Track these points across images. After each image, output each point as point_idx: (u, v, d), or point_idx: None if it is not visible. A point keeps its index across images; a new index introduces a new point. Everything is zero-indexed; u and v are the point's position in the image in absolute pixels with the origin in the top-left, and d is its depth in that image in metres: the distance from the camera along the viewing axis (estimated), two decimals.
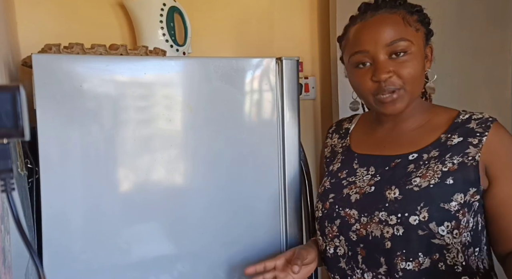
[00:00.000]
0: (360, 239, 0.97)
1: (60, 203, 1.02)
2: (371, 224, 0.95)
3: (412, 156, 0.98)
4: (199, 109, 1.12)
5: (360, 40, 0.96)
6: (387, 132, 1.05)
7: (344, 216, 0.99)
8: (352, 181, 1.02)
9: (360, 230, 0.96)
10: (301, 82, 1.78)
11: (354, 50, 0.97)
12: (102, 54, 1.14)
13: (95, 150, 1.05)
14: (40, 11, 1.47)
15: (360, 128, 1.13)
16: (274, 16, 1.79)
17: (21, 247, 0.52)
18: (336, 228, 1.00)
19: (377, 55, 0.94)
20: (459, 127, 0.97)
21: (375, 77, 0.94)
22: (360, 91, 0.99)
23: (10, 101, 0.48)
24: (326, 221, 1.02)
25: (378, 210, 0.94)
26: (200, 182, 1.13)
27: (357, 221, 0.97)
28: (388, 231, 0.93)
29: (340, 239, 1.00)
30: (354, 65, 0.98)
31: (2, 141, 0.49)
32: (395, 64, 0.93)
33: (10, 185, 0.50)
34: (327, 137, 1.19)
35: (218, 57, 1.18)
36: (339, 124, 1.19)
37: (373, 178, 0.99)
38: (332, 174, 1.08)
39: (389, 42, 0.93)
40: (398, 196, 0.93)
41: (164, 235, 1.11)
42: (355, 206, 0.97)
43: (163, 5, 1.44)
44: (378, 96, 0.95)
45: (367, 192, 0.97)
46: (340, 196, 1.01)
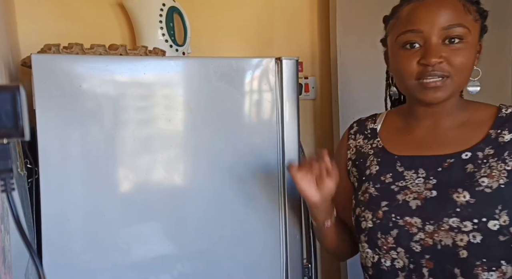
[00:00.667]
0: (425, 249, 0.89)
1: (60, 203, 1.02)
2: (439, 232, 0.87)
3: (465, 155, 0.91)
4: (199, 109, 1.12)
5: (415, 19, 0.89)
6: (427, 131, 0.98)
7: (403, 225, 0.90)
8: (403, 186, 0.94)
9: (425, 239, 0.88)
10: (301, 82, 1.78)
11: (405, 29, 0.90)
12: (101, 54, 1.14)
13: (95, 150, 1.05)
14: (40, 11, 1.47)
15: (390, 128, 1.06)
16: (274, 16, 1.79)
17: (21, 247, 0.52)
18: (393, 239, 0.92)
19: (430, 37, 0.88)
20: (506, 122, 0.92)
21: (425, 60, 0.87)
22: (402, 73, 0.92)
23: (10, 101, 0.48)
24: (379, 232, 0.93)
25: (447, 216, 0.86)
26: (199, 182, 1.13)
27: (421, 230, 0.89)
28: (462, 239, 0.85)
29: (398, 251, 0.92)
30: (401, 45, 0.92)
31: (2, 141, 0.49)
32: (448, 50, 0.88)
33: (10, 185, 0.50)
34: (349, 138, 1.11)
35: (217, 57, 1.18)
36: (361, 124, 1.11)
37: (427, 181, 0.92)
38: (373, 178, 0.98)
39: (446, 26, 0.87)
40: (470, 199, 0.85)
41: (164, 235, 1.11)
42: (417, 213, 0.89)
43: (163, 5, 1.44)
44: (422, 81, 0.89)
45: (428, 196, 0.90)
46: (395, 203, 0.92)
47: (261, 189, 1.17)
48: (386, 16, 1.00)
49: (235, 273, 1.17)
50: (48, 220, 1.01)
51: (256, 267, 1.19)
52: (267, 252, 1.19)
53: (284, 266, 1.20)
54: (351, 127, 1.13)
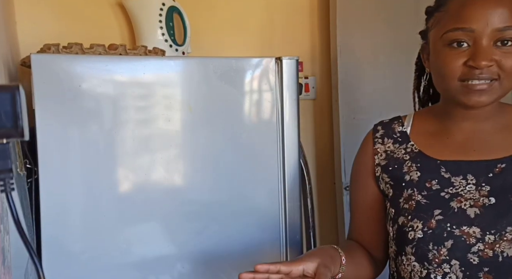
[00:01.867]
0: (483, 261, 0.81)
1: (60, 203, 1.02)
2: (500, 242, 0.80)
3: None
4: (199, 109, 1.12)
5: (467, 15, 0.81)
6: (468, 134, 0.91)
7: (460, 235, 0.83)
8: (454, 193, 0.87)
9: (484, 250, 0.81)
10: (301, 82, 1.78)
11: (454, 26, 0.82)
12: (101, 54, 1.14)
13: (95, 150, 1.04)
14: (40, 11, 1.47)
15: (421, 131, 0.98)
16: (274, 16, 1.79)
17: (20, 247, 0.52)
18: (446, 251, 0.84)
19: (482, 37, 0.80)
20: None
21: (474, 62, 0.80)
22: (445, 73, 0.84)
23: (9, 101, 0.48)
24: (431, 243, 0.85)
25: (510, 224, 0.80)
26: (199, 181, 1.13)
27: (480, 240, 0.82)
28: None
29: (452, 263, 0.84)
30: (447, 42, 0.83)
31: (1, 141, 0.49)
32: (500, 53, 0.81)
33: (10, 185, 0.49)
34: (375, 142, 1.01)
35: (217, 57, 1.18)
36: (387, 127, 1.01)
37: (480, 188, 0.85)
38: (416, 185, 0.90)
39: (501, 27, 0.79)
40: None
41: (164, 235, 1.11)
42: (476, 223, 0.83)
43: (162, 5, 1.43)
44: (466, 83, 0.82)
45: (487, 204, 0.83)
46: (449, 211, 0.85)
47: (261, 189, 1.17)
48: (430, 7, 0.91)
49: (235, 273, 1.17)
50: (47, 220, 1.01)
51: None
52: (267, 252, 1.19)
53: None
54: (376, 130, 1.02)
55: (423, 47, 0.94)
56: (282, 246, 1.19)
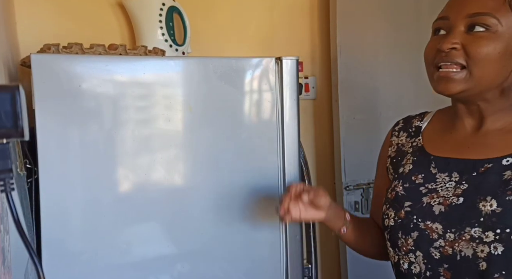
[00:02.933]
0: (444, 258, 0.84)
1: (60, 203, 1.02)
2: (459, 241, 0.82)
3: (506, 160, 0.84)
4: (199, 109, 1.11)
5: (448, 6, 0.88)
6: (470, 132, 0.92)
7: (424, 229, 0.86)
8: (432, 189, 0.89)
9: (445, 247, 0.84)
10: (301, 82, 1.78)
11: (438, 16, 0.89)
12: (101, 54, 1.14)
13: (95, 150, 1.04)
14: (39, 11, 1.47)
15: (434, 127, 1.00)
16: (274, 16, 1.79)
17: (20, 247, 0.52)
18: (412, 242, 0.88)
19: (456, 24, 0.84)
20: None
21: (439, 45, 0.84)
22: (425, 59, 0.90)
23: (9, 101, 0.48)
24: (400, 232, 0.90)
25: (470, 225, 0.82)
26: (199, 181, 1.13)
27: (441, 237, 0.85)
28: (482, 250, 0.80)
29: (417, 254, 0.88)
30: (432, 32, 0.90)
31: (1, 141, 0.49)
32: (470, 38, 0.83)
33: (10, 185, 0.49)
34: (392, 135, 1.06)
35: (217, 57, 1.18)
36: (407, 121, 1.05)
37: (458, 186, 0.86)
38: (404, 177, 0.95)
39: (472, 13, 0.82)
40: (496, 208, 0.80)
41: (164, 235, 1.11)
42: (439, 220, 0.85)
43: (162, 5, 1.43)
44: (437, 70, 0.86)
45: (454, 203, 0.85)
46: (418, 205, 0.89)
47: (261, 189, 1.17)
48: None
49: (235, 273, 1.17)
50: (47, 220, 1.01)
51: (256, 267, 1.19)
52: (267, 252, 1.19)
53: (284, 266, 1.20)
54: (397, 123, 1.07)
55: None
56: (282, 246, 1.19)
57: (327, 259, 1.87)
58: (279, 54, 1.17)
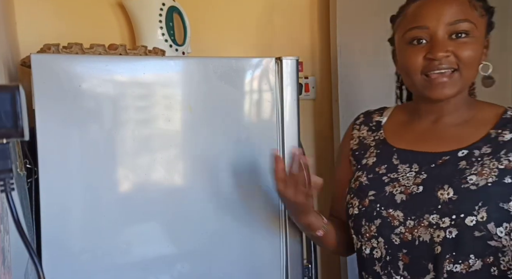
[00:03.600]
0: (403, 243, 0.90)
1: (60, 203, 1.02)
2: (418, 228, 0.88)
3: (462, 153, 0.91)
4: (199, 109, 1.12)
5: (421, 15, 0.91)
6: (428, 126, 0.99)
7: (386, 216, 0.92)
8: (394, 178, 0.95)
9: (404, 234, 0.90)
10: (301, 82, 1.78)
11: (411, 25, 0.91)
12: (101, 54, 1.14)
13: (95, 150, 1.04)
14: (39, 11, 1.47)
15: (394, 122, 1.06)
16: (274, 16, 1.79)
17: (20, 247, 0.52)
18: (375, 228, 0.93)
19: (436, 32, 0.89)
20: (509, 123, 0.93)
21: (431, 54, 0.88)
22: (408, 68, 0.92)
23: (9, 101, 0.48)
24: (364, 219, 0.95)
25: (428, 212, 0.88)
26: (199, 181, 1.13)
27: (402, 224, 0.90)
28: (439, 235, 0.87)
29: (379, 240, 0.93)
30: (407, 41, 0.92)
31: (1, 141, 0.49)
32: (455, 44, 0.88)
33: (10, 185, 0.49)
34: (353, 128, 1.11)
35: (217, 57, 1.18)
36: (368, 116, 1.11)
37: (418, 176, 0.92)
38: (368, 168, 1.00)
39: (452, 21, 0.88)
40: (453, 196, 0.86)
41: (164, 235, 1.11)
42: (401, 208, 0.91)
43: (162, 5, 1.43)
44: (429, 75, 0.89)
45: (414, 192, 0.91)
46: (381, 194, 0.94)
47: (261, 189, 1.17)
48: (393, 16, 1.01)
49: (235, 273, 1.17)
50: (47, 220, 1.01)
51: (256, 267, 1.19)
52: (267, 252, 1.19)
53: (284, 266, 1.20)
54: (358, 118, 1.13)
55: (393, 52, 1.03)
56: (282, 246, 1.19)
57: (327, 259, 1.87)
58: (279, 54, 1.17)
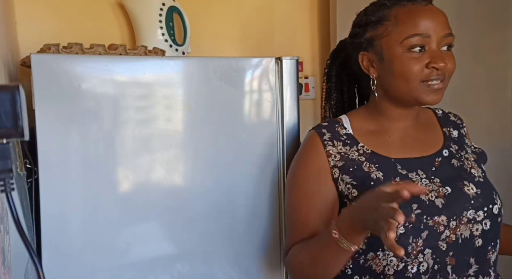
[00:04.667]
0: (449, 246, 0.90)
1: (60, 203, 1.02)
2: (460, 226, 0.91)
3: (445, 152, 0.99)
4: (199, 109, 1.12)
5: (422, 23, 0.91)
6: (404, 132, 1.00)
7: (432, 225, 0.89)
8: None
9: (450, 236, 0.90)
10: (301, 82, 1.78)
11: (414, 32, 0.91)
12: (101, 54, 1.14)
13: (95, 150, 1.04)
14: (39, 11, 1.47)
15: (362, 132, 1.01)
16: (274, 16, 1.79)
17: (20, 247, 0.52)
18: (422, 242, 0.89)
19: (434, 42, 0.92)
20: (447, 122, 1.05)
21: (435, 63, 0.90)
22: (409, 75, 0.92)
23: (9, 101, 0.48)
24: (411, 236, 0.89)
25: (466, 209, 0.91)
26: (199, 181, 1.13)
27: (446, 228, 0.90)
28: (477, 228, 0.92)
29: (425, 253, 0.90)
30: (407, 47, 0.92)
31: (1, 141, 0.49)
32: (446, 56, 0.93)
33: (10, 185, 0.49)
34: (325, 145, 0.99)
35: (217, 57, 1.18)
36: (331, 130, 1.01)
37: (432, 181, 0.94)
38: (384, 182, 0.93)
39: (446, 34, 0.92)
40: (477, 190, 0.93)
41: (164, 235, 1.11)
42: (444, 212, 0.90)
43: (162, 5, 1.43)
44: (428, 83, 0.92)
45: (446, 193, 0.92)
46: (423, 204, 0.90)
47: (261, 189, 1.17)
48: (370, 19, 0.97)
49: (235, 273, 1.17)
50: (47, 220, 1.01)
51: (256, 267, 1.19)
52: (267, 252, 1.19)
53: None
54: (322, 133, 1.00)
55: (362, 55, 0.99)
56: (282, 246, 1.19)
57: None
58: (279, 54, 1.17)
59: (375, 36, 0.96)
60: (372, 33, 0.97)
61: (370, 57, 0.98)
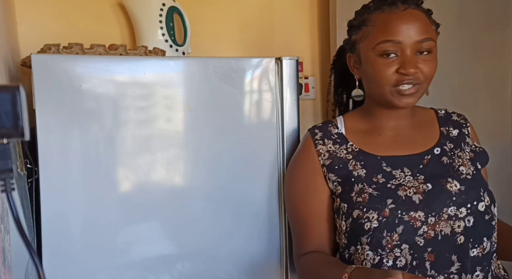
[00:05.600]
0: (428, 242, 0.91)
1: (60, 203, 1.02)
2: (439, 222, 0.92)
3: (436, 150, 1.01)
4: (199, 109, 1.12)
5: (394, 29, 0.94)
6: (395, 131, 1.03)
7: (408, 220, 0.91)
8: (398, 184, 0.96)
9: (428, 232, 0.91)
10: (301, 82, 1.78)
11: (385, 38, 0.94)
12: (101, 54, 1.14)
13: (95, 150, 1.05)
14: (40, 11, 1.47)
15: (355, 131, 1.05)
16: (274, 16, 1.79)
17: (21, 247, 0.52)
18: (398, 236, 0.91)
19: (407, 48, 0.93)
20: (448, 121, 1.07)
21: (404, 70, 0.93)
22: (380, 80, 0.95)
23: (10, 101, 0.48)
24: (385, 230, 0.92)
25: (446, 206, 0.92)
26: (200, 182, 1.13)
27: (424, 223, 0.91)
28: (459, 225, 0.92)
29: (402, 248, 0.92)
30: (379, 53, 0.95)
31: (2, 141, 0.49)
32: (421, 61, 0.94)
33: (10, 185, 0.49)
34: (316, 144, 1.04)
35: (217, 57, 1.18)
36: (323, 130, 1.06)
37: (416, 177, 0.97)
38: (365, 179, 0.98)
39: (420, 39, 0.93)
40: (461, 187, 0.94)
41: (164, 235, 1.11)
42: (421, 207, 0.92)
43: (163, 5, 1.43)
44: (398, 88, 0.94)
45: (426, 190, 0.94)
46: (398, 199, 0.93)
47: (261, 189, 1.17)
48: (354, 21, 1.02)
49: (235, 273, 1.17)
50: (48, 220, 1.01)
51: (256, 267, 1.19)
52: (267, 252, 1.19)
53: (284, 266, 1.20)
54: (314, 133, 1.06)
55: (349, 57, 1.05)
56: (282, 246, 1.20)
57: None
58: (279, 54, 1.17)
59: (356, 40, 1.01)
60: (354, 37, 1.02)
61: (355, 59, 1.04)
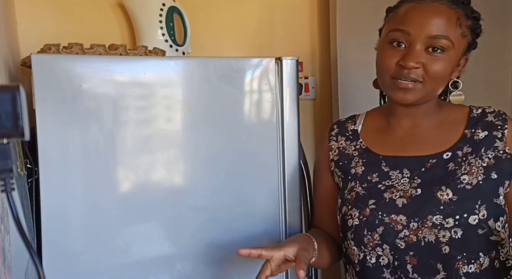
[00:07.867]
0: (409, 246, 0.92)
1: (60, 203, 1.02)
2: (422, 229, 0.90)
3: (446, 155, 0.96)
4: (199, 109, 1.12)
5: (408, 19, 0.91)
6: (407, 131, 1.01)
7: (389, 222, 0.93)
8: (389, 185, 0.96)
9: (409, 236, 0.91)
10: (301, 82, 1.78)
11: (396, 27, 0.92)
12: (101, 54, 1.14)
13: (95, 150, 1.04)
14: (40, 11, 1.47)
15: (370, 129, 1.07)
16: (274, 16, 1.79)
17: (21, 247, 0.52)
18: (378, 236, 0.94)
19: (416, 41, 0.90)
20: (479, 122, 0.98)
21: (403, 62, 0.90)
22: (381, 68, 0.95)
23: (10, 102, 0.48)
24: (366, 229, 0.95)
25: (431, 213, 0.90)
26: (199, 182, 1.13)
27: (405, 227, 0.91)
28: (444, 235, 0.89)
29: (384, 247, 0.94)
30: (389, 41, 0.94)
31: (2, 141, 0.49)
32: (428, 57, 0.90)
33: (10, 185, 0.50)
34: (330, 139, 1.11)
35: (217, 57, 1.18)
36: (341, 126, 1.12)
37: (412, 181, 0.95)
38: (359, 177, 1.00)
39: (433, 35, 0.89)
40: (453, 197, 0.90)
41: (164, 235, 1.11)
42: (403, 211, 0.92)
43: (163, 5, 1.43)
44: (395, 80, 0.92)
45: (414, 195, 0.93)
46: (381, 201, 0.95)
47: (261, 189, 1.17)
48: (390, 7, 1.01)
49: (235, 274, 1.17)
50: (48, 220, 1.01)
51: (256, 267, 1.19)
52: None
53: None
54: (332, 129, 1.12)
55: (378, 41, 1.03)
56: None
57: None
58: (279, 54, 1.17)
59: (384, 23, 1.01)
60: (385, 20, 1.01)
61: (377, 44, 1.02)
